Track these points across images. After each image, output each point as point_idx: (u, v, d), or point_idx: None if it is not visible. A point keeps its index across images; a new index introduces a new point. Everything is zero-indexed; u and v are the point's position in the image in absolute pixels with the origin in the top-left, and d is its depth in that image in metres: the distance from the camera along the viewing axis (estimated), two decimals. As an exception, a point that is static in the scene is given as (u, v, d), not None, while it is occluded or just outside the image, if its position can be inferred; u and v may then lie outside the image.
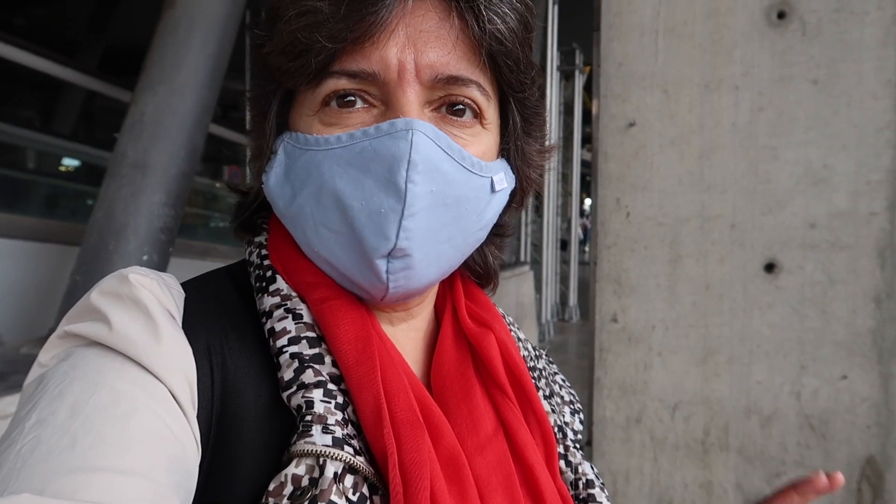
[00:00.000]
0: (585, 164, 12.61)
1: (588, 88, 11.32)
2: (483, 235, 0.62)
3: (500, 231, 0.70)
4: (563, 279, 12.13)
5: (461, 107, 0.56)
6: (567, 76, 11.53)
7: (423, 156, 0.52)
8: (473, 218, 0.58)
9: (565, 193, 12.45)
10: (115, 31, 10.31)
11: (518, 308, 7.61)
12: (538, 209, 10.88)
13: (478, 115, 0.57)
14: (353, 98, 0.55)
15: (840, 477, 0.68)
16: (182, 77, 3.40)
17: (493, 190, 0.59)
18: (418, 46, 0.53)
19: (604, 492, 0.69)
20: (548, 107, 10.61)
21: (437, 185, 0.53)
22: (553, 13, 9.87)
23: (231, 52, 3.77)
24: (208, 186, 9.37)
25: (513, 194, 0.64)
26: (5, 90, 10.19)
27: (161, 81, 3.39)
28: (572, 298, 12.13)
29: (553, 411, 0.71)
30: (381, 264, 0.54)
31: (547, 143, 0.68)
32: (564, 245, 12.21)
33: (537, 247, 10.92)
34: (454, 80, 0.55)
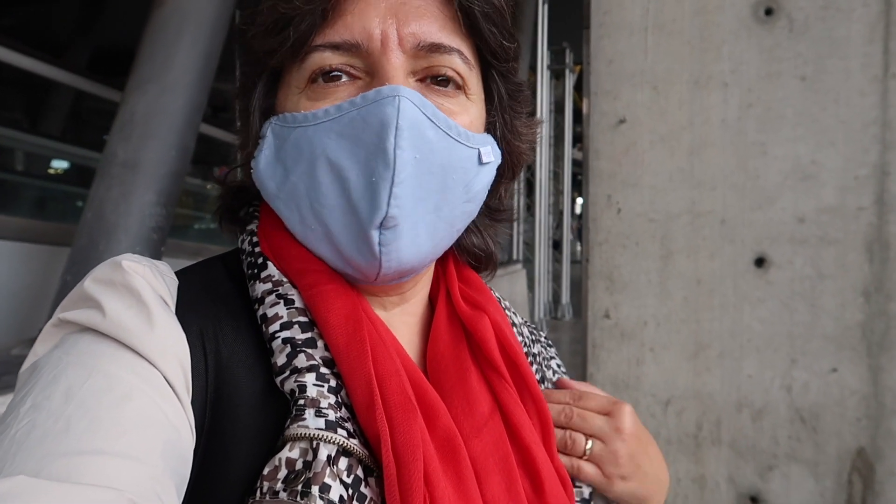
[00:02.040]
0: (577, 164, 12.63)
1: (579, 88, 11.34)
2: (473, 209, 0.62)
3: (500, 216, 0.70)
4: (556, 277, 12.15)
5: (444, 77, 0.57)
6: (557, 75, 11.54)
7: (409, 122, 0.53)
8: (460, 189, 0.58)
9: (557, 192, 12.47)
10: (103, 31, 10.25)
11: (511, 306, 7.61)
12: (530, 208, 10.90)
13: (461, 86, 0.58)
14: (338, 73, 0.56)
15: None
16: (172, 76, 3.38)
17: (480, 161, 0.59)
18: (399, 16, 0.54)
19: None
20: (538, 106, 10.61)
21: (422, 152, 0.54)
22: (543, 12, 9.88)
23: (221, 51, 3.75)
24: (199, 187, 9.34)
25: (502, 171, 0.65)
26: (-7, 91, 10.11)
27: (151, 80, 3.37)
28: (565, 296, 12.15)
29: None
30: (375, 236, 0.54)
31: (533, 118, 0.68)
32: (557, 245, 12.23)
33: (529, 245, 10.93)
34: (437, 48, 0.56)
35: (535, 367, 0.75)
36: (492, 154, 0.61)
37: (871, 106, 1.61)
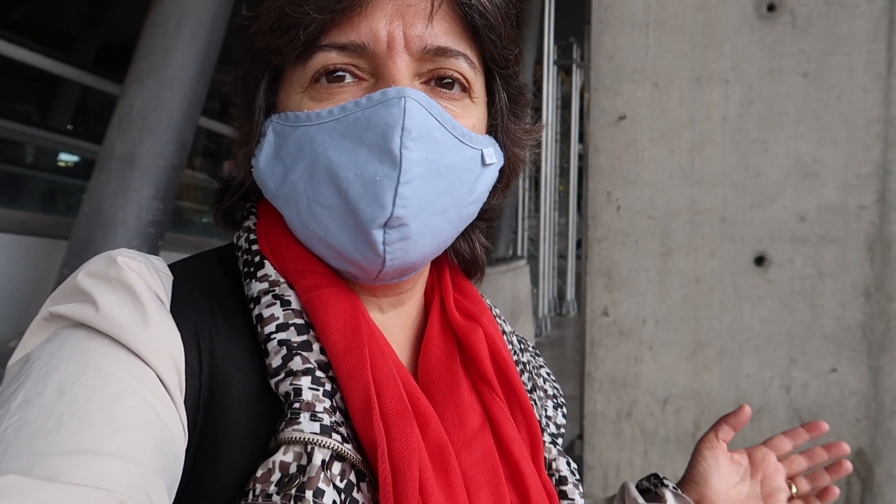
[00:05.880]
0: (583, 160, 12.60)
1: (586, 83, 11.28)
2: (475, 210, 0.62)
3: (486, 215, 0.69)
4: (561, 273, 12.13)
5: (450, 80, 0.56)
6: (566, 70, 11.51)
7: (417, 122, 0.52)
8: (465, 190, 0.58)
9: (563, 188, 12.45)
10: (110, 27, 10.29)
11: (514, 302, 7.61)
12: (536, 204, 10.88)
13: (466, 88, 0.57)
14: (342, 73, 0.55)
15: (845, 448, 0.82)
16: (171, 70, 3.39)
17: (483, 163, 0.59)
18: (406, 18, 0.54)
19: (578, 488, 0.68)
20: (544, 101, 10.57)
21: (431, 153, 0.53)
22: (550, 7, 9.85)
23: (221, 45, 3.75)
24: (207, 181, 9.37)
25: (500, 173, 0.64)
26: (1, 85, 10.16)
27: (150, 75, 3.38)
28: (569, 293, 12.13)
29: (534, 405, 0.70)
30: (378, 235, 0.53)
31: (532, 123, 0.68)
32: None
33: (534, 241, 10.92)
34: (443, 52, 0.55)
35: (525, 375, 0.73)
36: (494, 156, 0.60)
37: (874, 103, 1.59)
